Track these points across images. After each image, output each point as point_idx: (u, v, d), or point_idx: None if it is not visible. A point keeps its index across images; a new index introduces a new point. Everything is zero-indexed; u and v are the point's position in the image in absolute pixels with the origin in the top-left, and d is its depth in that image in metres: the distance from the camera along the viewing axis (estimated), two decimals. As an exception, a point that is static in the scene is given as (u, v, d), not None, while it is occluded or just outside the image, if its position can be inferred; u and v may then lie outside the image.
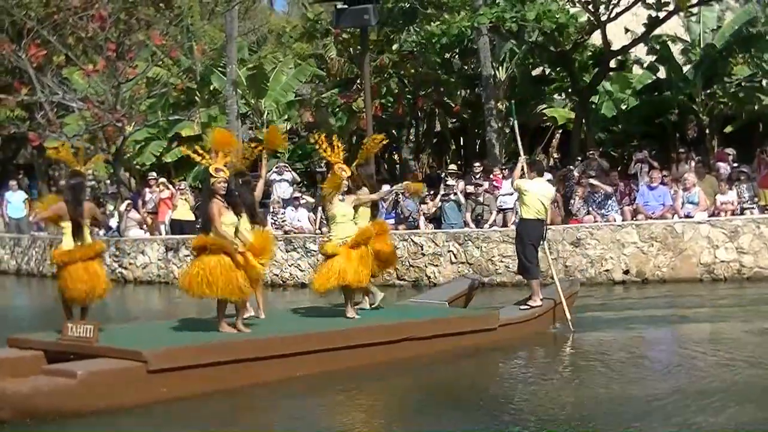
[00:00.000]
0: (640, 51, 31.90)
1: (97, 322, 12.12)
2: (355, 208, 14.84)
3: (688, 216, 22.57)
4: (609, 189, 23.52)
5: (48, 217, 13.51)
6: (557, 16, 25.23)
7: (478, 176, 25.86)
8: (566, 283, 17.39)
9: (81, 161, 13.90)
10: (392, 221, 24.00)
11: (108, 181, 33.35)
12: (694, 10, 29.30)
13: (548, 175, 22.77)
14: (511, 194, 24.47)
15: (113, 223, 27.78)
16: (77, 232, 13.15)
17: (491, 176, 25.54)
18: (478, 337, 14.75)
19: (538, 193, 16.05)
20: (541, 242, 16.42)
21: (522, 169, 16.41)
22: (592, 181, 23.74)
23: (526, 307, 16.02)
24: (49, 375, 10.98)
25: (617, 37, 30.12)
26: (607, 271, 22.27)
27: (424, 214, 24.71)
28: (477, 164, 26.75)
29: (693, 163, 25.08)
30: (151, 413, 10.97)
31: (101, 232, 28.32)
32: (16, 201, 29.93)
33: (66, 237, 13.24)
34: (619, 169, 26.79)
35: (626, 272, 22.21)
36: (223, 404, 11.41)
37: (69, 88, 29.37)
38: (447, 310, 16.08)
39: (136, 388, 11.13)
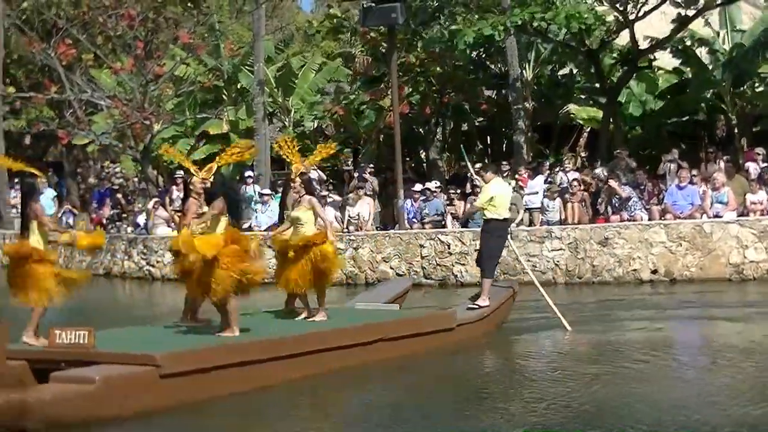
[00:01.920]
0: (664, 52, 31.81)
1: (90, 327, 11.66)
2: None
3: (717, 216, 22.49)
4: (625, 194, 23.39)
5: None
6: (585, 17, 25.17)
7: (505, 175, 25.83)
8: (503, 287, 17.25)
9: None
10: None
11: (136, 179, 33.50)
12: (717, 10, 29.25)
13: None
14: (536, 194, 24.53)
15: (141, 220, 27.89)
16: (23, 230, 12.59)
17: (516, 176, 25.51)
18: (439, 337, 14.72)
19: (504, 194, 16.38)
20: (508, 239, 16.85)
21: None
22: (610, 182, 23.65)
23: (473, 306, 15.99)
24: (62, 382, 10.61)
25: (645, 36, 30.03)
26: (635, 270, 22.21)
27: (451, 214, 24.73)
28: (505, 163, 26.74)
29: (722, 163, 24.94)
30: (166, 419, 10.86)
31: (129, 229, 28.48)
32: (45, 198, 30.01)
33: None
34: (647, 168, 26.68)
35: (654, 272, 22.15)
36: (239, 407, 11.38)
37: (97, 87, 29.49)
38: (401, 312, 16.01)
39: (149, 392, 10.92)
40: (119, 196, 29.78)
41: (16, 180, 34.72)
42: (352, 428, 10.67)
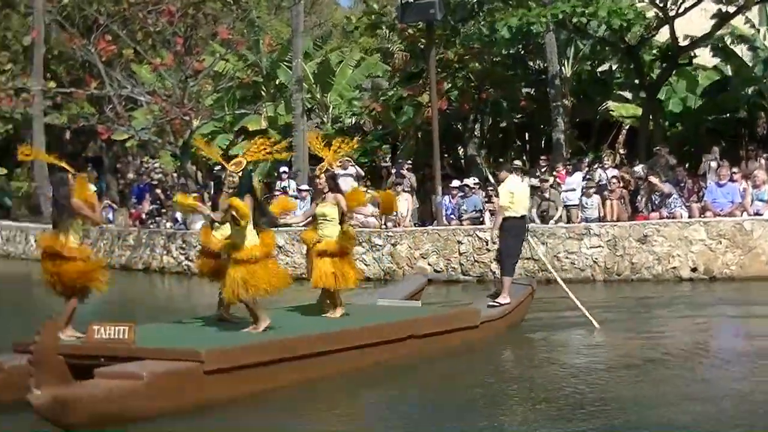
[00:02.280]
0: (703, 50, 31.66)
1: (132, 322, 11.69)
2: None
3: (757, 213, 22.33)
4: (666, 189, 23.29)
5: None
6: (626, 12, 25.06)
7: (543, 171, 25.79)
8: (522, 284, 17.26)
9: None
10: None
11: (175, 174, 33.64)
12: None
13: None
14: (574, 190, 24.45)
15: (180, 216, 27.99)
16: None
17: (554, 173, 25.44)
18: (464, 334, 14.81)
19: (521, 192, 16.40)
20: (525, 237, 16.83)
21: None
22: (651, 179, 23.56)
23: (494, 304, 16.05)
24: (108, 378, 10.53)
25: (685, 34, 29.89)
26: (674, 268, 22.10)
27: (489, 210, 24.68)
28: (543, 158, 26.71)
29: (763, 161, 24.75)
30: (209, 415, 10.87)
31: (168, 224, 28.60)
32: (84, 193, 30.20)
33: None
34: (687, 165, 26.54)
35: (694, 270, 22.03)
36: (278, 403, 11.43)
37: (137, 83, 29.64)
38: (428, 309, 16.08)
39: (193, 388, 10.92)
40: (158, 191, 29.89)
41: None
42: (395, 427, 10.65)
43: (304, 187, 27.02)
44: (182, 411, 10.67)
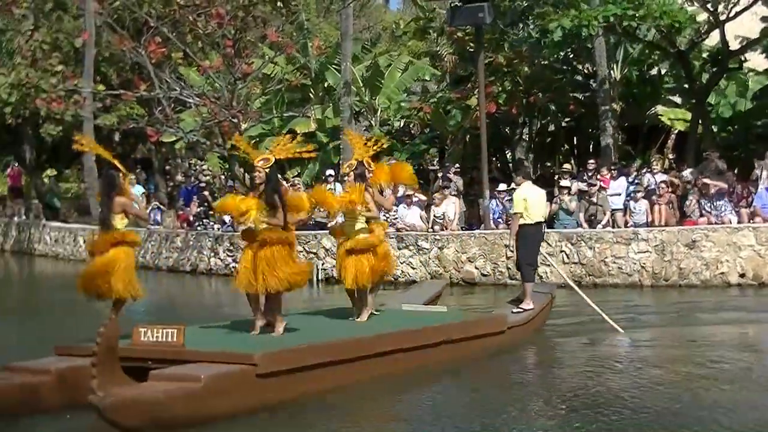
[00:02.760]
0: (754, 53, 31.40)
1: (182, 324, 11.69)
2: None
3: (807, 219, 22.17)
4: (723, 185, 23.21)
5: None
6: (677, 15, 24.91)
7: (591, 175, 25.71)
8: (542, 292, 17.22)
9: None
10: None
11: (223, 177, 33.79)
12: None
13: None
14: (619, 195, 24.35)
15: (227, 218, 28.10)
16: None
17: (598, 177, 25.33)
18: (492, 340, 14.88)
19: (536, 198, 16.45)
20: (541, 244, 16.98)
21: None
22: (705, 180, 23.45)
23: (519, 310, 16.12)
24: (164, 381, 10.52)
25: (736, 36, 29.69)
26: (722, 273, 21.97)
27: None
28: (591, 161, 26.64)
29: (813, 166, 24.54)
30: (260, 417, 10.93)
31: (216, 226, 28.72)
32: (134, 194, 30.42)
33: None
34: (735, 170, 26.35)
35: (742, 275, 21.89)
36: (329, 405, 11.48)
37: (186, 85, 29.80)
38: (451, 313, 15.99)
39: (245, 392, 10.94)
40: (206, 193, 30.04)
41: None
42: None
43: (350, 189, 26.97)
44: (234, 414, 10.71)
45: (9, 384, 11.10)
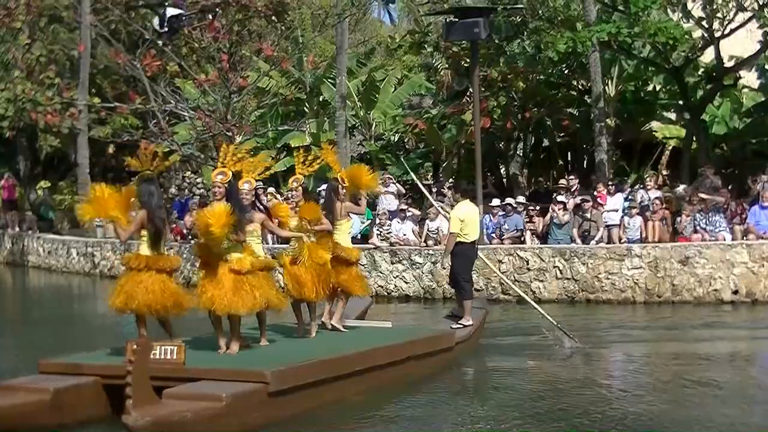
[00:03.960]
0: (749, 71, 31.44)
1: (180, 342, 11.62)
2: None
3: (800, 237, 22.15)
4: (720, 199, 23.24)
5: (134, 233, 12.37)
6: (672, 31, 24.93)
7: (586, 191, 25.74)
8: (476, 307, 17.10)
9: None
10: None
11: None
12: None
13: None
14: (616, 211, 24.33)
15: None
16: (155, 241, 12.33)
17: (595, 193, 25.35)
18: (443, 356, 14.99)
19: (472, 216, 16.57)
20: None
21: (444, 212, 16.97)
22: (701, 194, 23.47)
23: (459, 325, 16.18)
24: (183, 399, 10.39)
25: (730, 54, 29.72)
26: (715, 290, 21.95)
27: (530, 230, 24.63)
28: (571, 178, 26.69)
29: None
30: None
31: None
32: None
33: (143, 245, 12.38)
34: (729, 187, 26.36)
35: (735, 292, 21.88)
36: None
37: (181, 98, 29.79)
38: (403, 330, 16.20)
39: (258, 409, 10.90)
40: (200, 206, 29.96)
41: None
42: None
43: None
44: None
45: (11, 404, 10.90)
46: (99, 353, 12.52)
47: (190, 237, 29.42)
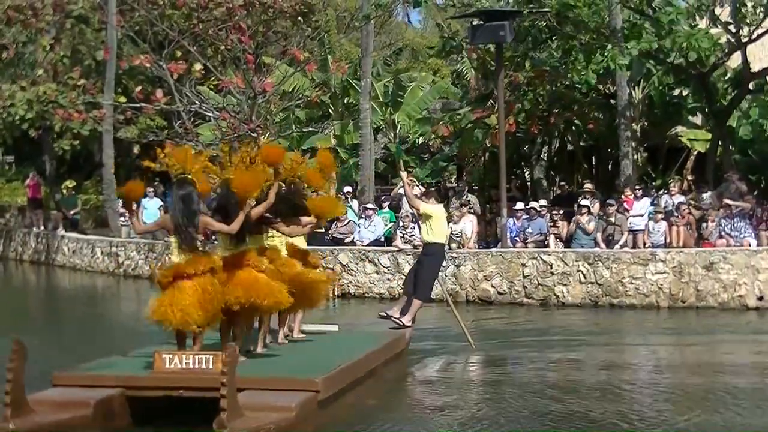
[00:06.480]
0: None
1: (216, 351, 11.22)
2: None
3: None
4: (746, 204, 23.13)
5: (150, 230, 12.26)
6: (701, 43, 24.85)
7: (610, 195, 25.69)
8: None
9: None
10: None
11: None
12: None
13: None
14: (642, 216, 24.26)
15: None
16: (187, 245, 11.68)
17: (622, 197, 25.29)
18: (399, 357, 15.27)
19: (443, 219, 16.85)
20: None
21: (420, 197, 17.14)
22: (727, 200, 23.37)
23: (396, 327, 16.16)
24: (251, 410, 10.17)
25: (757, 59, 29.55)
26: (740, 296, 21.84)
27: (554, 234, 24.57)
28: (618, 182, 26.63)
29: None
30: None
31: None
32: (152, 207, 30.46)
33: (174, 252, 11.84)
34: (755, 193, 26.24)
35: (760, 298, 21.76)
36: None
37: (206, 98, 29.83)
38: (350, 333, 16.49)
39: (310, 418, 10.80)
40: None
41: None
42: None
43: (370, 205, 26.98)
44: None
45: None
46: (116, 361, 12.29)
47: (213, 237, 29.46)
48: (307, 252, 14.31)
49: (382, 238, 25.87)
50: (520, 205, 25.79)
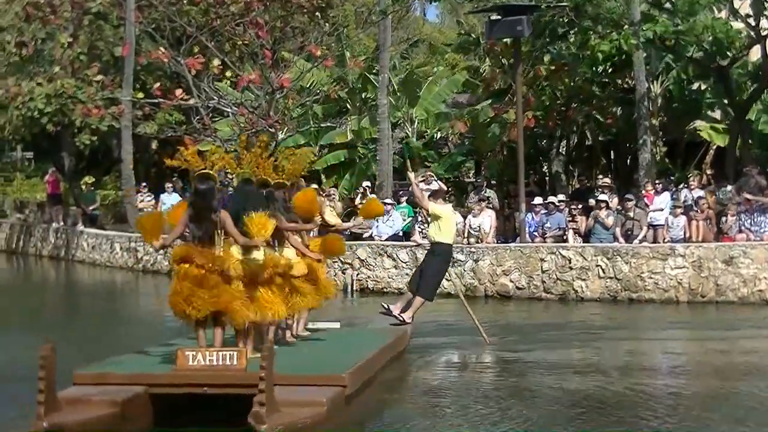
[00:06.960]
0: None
1: (241, 347, 11.23)
2: None
3: None
4: (766, 199, 23.05)
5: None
6: (720, 30, 24.76)
7: (628, 190, 25.63)
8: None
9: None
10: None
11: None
12: None
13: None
14: (662, 210, 24.19)
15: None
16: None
17: (642, 192, 25.24)
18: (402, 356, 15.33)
19: (452, 219, 16.91)
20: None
21: (431, 196, 17.01)
22: (746, 195, 23.28)
23: (397, 323, 16.18)
24: (286, 407, 10.08)
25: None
26: (760, 291, 21.77)
27: (573, 229, 24.53)
28: (636, 176, 26.56)
29: None
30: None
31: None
32: (171, 203, 30.52)
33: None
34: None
35: (781, 293, 21.73)
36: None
37: (224, 94, 29.83)
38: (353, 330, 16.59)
39: (337, 413, 10.75)
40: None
41: (144, 184, 35.36)
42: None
43: (388, 200, 26.96)
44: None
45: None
46: (137, 358, 12.23)
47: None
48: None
49: (401, 233, 25.87)
50: (538, 200, 25.76)
